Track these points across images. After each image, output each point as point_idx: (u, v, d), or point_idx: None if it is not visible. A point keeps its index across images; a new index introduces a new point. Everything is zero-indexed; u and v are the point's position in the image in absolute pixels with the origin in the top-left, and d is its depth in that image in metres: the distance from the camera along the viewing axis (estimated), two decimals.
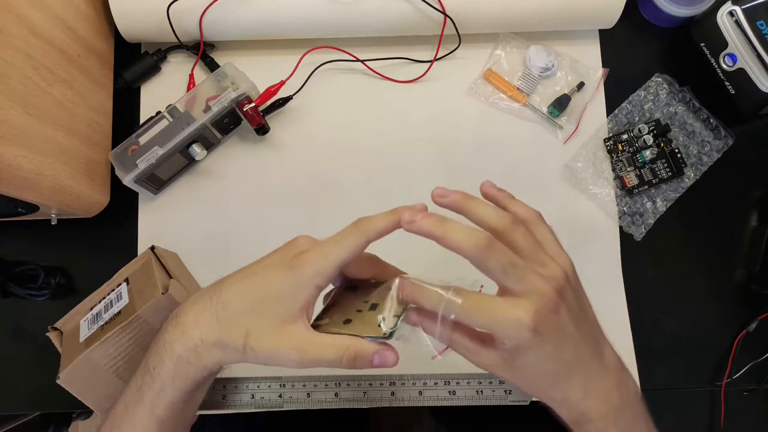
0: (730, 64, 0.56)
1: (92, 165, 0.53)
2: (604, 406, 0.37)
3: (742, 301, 0.57)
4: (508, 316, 0.33)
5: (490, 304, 0.34)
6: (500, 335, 0.34)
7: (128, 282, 0.51)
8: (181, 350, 0.37)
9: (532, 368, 0.35)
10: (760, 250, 0.57)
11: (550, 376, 0.36)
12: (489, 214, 0.36)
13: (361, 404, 0.54)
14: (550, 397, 0.37)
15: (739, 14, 0.54)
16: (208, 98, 0.54)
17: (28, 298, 0.56)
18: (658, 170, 0.57)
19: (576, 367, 0.36)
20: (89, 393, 0.48)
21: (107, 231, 0.58)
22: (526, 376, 0.36)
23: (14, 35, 0.44)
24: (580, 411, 0.37)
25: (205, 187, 0.59)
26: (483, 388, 0.54)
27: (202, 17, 0.55)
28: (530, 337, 0.33)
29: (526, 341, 0.33)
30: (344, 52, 0.59)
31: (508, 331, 0.33)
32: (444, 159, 0.59)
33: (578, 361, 0.36)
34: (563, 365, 0.35)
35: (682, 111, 0.59)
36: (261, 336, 0.36)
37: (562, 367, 0.35)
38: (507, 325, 0.33)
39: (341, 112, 0.60)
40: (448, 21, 0.55)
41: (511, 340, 0.33)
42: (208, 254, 0.57)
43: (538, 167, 0.59)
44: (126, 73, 0.59)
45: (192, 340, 0.37)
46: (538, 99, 0.60)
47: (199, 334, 0.37)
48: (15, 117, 0.43)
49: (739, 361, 0.55)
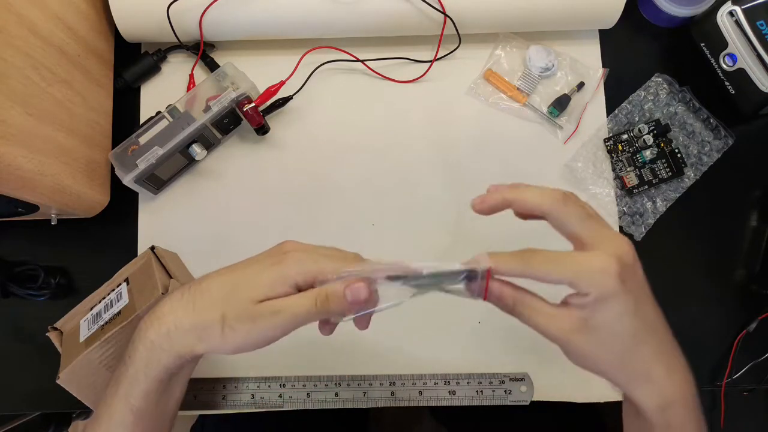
0: (730, 64, 0.56)
1: (92, 165, 0.53)
2: (686, 388, 0.35)
3: (742, 301, 0.57)
4: (592, 264, 0.32)
5: (570, 257, 0.33)
6: (584, 285, 0.32)
7: (128, 282, 0.51)
8: (154, 336, 0.37)
9: (613, 327, 0.33)
10: (760, 250, 0.57)
11: (630, 338, 0.34)
12: (540, 191, 0.35)
13: (361, 404, 0.54)
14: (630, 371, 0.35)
15: (739, 14, 0.53)
16: (208, 98, 0.54)
17: (28, 298, 0.56)
18: (658, 170, 0.57)
19: (656, 332, 0.35)
20: (89, 393, 0.48)
21: (107, 231, 0.58)
22: (605, 340, 0.34)
23: (14, 35, 0.44)
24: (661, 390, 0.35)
25: (205, 187, 0.59)
26: (483, 388, 0.54)
27: (202, 17, 0.55)
28: (616, 286, 0.32)
29: (611, 290, 0.32)
30: (344, 52, 0.59)
31: (593, 279, 0.32)
32: (444, 159, 0.59)
33: (657, 327, 0.35)
34: (644, 326, 0.34)
35: (682, 111, 0.59)
36: (238, 314, 0.35)
37: (643, 328, 0.34)
38: (592, 274, 0.32)
39: (341, 112, 0.60)
40: (448, 21, 0.55)
41: (597, 289, 0.32)
42: (208, 254, 0.57)
43: (538, 167, 0.59)
44: (126, 73, 0.59)
45: (165, 326, 0.36)
46: (538, 99, 0.60)
47: (172, 320, 0.36)
48: (15, 117, 0.43)
49: (739, 361, 0.55)
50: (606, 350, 0.34)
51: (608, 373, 0.35)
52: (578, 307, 0.33)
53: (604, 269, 0.32)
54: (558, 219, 0.34)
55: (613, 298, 0.32)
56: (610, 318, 0.33)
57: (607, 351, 0.34)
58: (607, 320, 0.33)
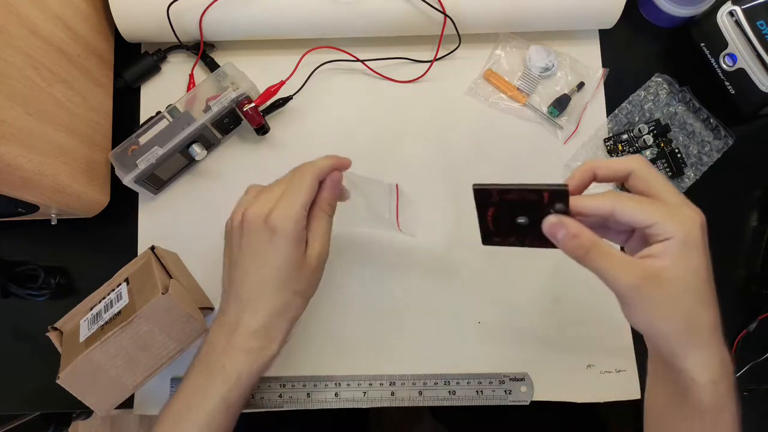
0: (730, 64, 0.56)
1: (92, 165, 0.53)
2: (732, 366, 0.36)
3: (742, 301, 0.57)
4: (683, 210, 0.34)
5: (658, 202, 0.35)
6: (671, 228, 0.33)
7: (128, 282, 0.51)
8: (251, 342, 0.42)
9: (687, 281, 0.34)
10: (760, 250, 0.57)
11: (700, 298, 0.34)
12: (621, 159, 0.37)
13: (361, 404, 0.54)
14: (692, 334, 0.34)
15: (739, 14, 0.53)
16: (208, 98, 0.54)
17: (28, 298, 0.56)
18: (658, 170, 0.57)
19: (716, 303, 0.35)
20: (89, 393, 0.48)
21: (107, 231, 0.58)
22: (676, 294, 0.34)
23: (14, 35, 0.44)
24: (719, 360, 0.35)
25: (205, 187, 0.59)
26: (483, 388, 0.54)
27: (202, 17, 0.55)
28: (700, 236, 0.33)
29: (696, 239, 0.33)
30: (344, 52, 0.59)
31: (682, 223, 0.33)
32: (444, 159, 0.59)
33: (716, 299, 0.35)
34: (711, 292, 0.35)
35: (682, 111, 0.59)
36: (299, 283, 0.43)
37: (710, 293, 0.34)
38: (683, 219, 0.33)
39: (341, 112, 0.60)
40: (448, 21, 0.55)
41: (682, 234, 0.33)
42: (208, 254, 0.57)
43: (538, 167, 0.59)
44: (126, 73, 0.59)
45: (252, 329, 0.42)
46: (538, 99, 0.60)
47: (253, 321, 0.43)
48: (15, 117, 0.43)
49: (739, 361, 0.55)
50: (674, 306, 0.34)
51: (668, 335, 0.35)
52: (656, 257, 0.34)
53: (693, 218, 0.34)
54: (644, 176, 0.36)
55: (695, 248, 0.33)
56: (687, 270, 0.34)
57: (675, 307, 0.34)
58: (682, 272, 0.34)
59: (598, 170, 0.38)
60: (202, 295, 0.55)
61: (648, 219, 0.34)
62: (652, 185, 0.36)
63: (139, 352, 0.47)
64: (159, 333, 0.47)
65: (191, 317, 0.47)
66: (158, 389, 0.54)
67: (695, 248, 0.34)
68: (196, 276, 0.56)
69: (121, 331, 0.46)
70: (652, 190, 0.36)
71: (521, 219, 0.37)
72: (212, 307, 0.56)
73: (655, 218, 0.33)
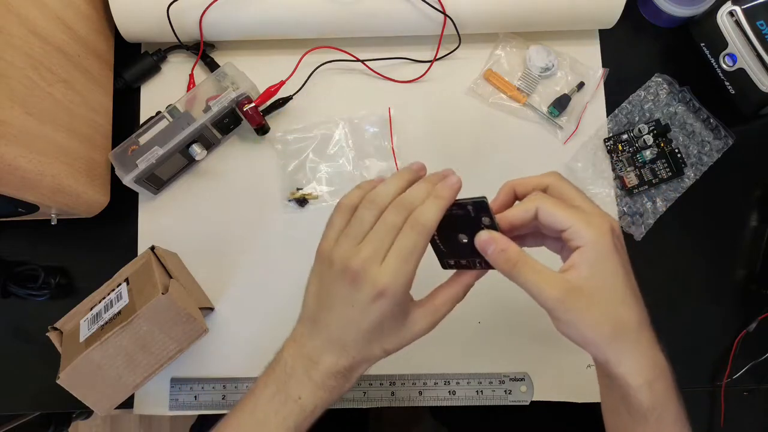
0: (730, 64, 0.56)
1: (92, 165, 0.53)
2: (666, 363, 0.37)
3: (742, 301, 0.57)
4: (593, 218, 0.35)
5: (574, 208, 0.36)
6: (583, 234, 0.35)
7: (128, 282, 0.51)
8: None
9: (606, 287, 0.35)
10: (760, 250, 0.57)
11: (621, 301, 0.35)
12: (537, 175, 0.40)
13: (361, 404, 0.54)
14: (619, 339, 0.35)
15: (739, 14, 0.54)
16: (208, 98, 0.54)
17: (28, 298, 0.56)
18: (658, 170, 0.57)
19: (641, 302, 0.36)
20: (89, 393, 0.48)
21: (107, 231, 0.58)
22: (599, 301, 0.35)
23: (14, 35, 0.44)
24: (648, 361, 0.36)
25: (205, 187, 0.59)
26: (483, 388, 0.54)
27: (202, 17, 0.55)
28: (610, 242, 0.35)
29: (606, 244, 0.35)
30: (344, 52, 0.59)
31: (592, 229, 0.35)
32: (444, 159, 0.59)
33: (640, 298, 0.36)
34: (632, 292, 0.36)
35: (682, 111, 0.59)
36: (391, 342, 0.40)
37: (632, 294, 0.36)
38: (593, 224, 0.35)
39: (341, 112, 0.60)
40: (448, 21, 0.55)
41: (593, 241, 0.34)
42: (208, 254, 0.57)
43: (538, 167, 0.57)
44: (126, 73, 0.59)
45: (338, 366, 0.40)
46: (538, 99, 0.60)
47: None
48: (15, 117, 0.43)
49: (739, 361, 0.55)
50: (599, 313, 0.35)
51: (598, 343, 0.36)
52: (575, 268, 0.35)
53: (602, 224, 0.35)
54: (559, 189, 0.38)
55: (608, 252, 0.35)
56: (605, 275, 0.35)
57: (599, 314, 0.35)
58: (600, 279, 0.35)
59: (517, 187, 0.39)
60: (202, 295, 0.55)
61: (565, 222, 0.35)
62: (567, 196, 0.37)
63: (139, 352, 0.47)
64: (159, 333, 0.47)
65: (191, 317, 0.47)
66: (158, 389, 0.54)
67: (609, 252, 0.35)
68: (196, 276, 0.56)
69: (121, 331, 0.46)
70: (567, 201, 0.37)
71: (462, 237, 0.38)
72: (212, 307, 0.56)
73: (571, 221, 0.35)
